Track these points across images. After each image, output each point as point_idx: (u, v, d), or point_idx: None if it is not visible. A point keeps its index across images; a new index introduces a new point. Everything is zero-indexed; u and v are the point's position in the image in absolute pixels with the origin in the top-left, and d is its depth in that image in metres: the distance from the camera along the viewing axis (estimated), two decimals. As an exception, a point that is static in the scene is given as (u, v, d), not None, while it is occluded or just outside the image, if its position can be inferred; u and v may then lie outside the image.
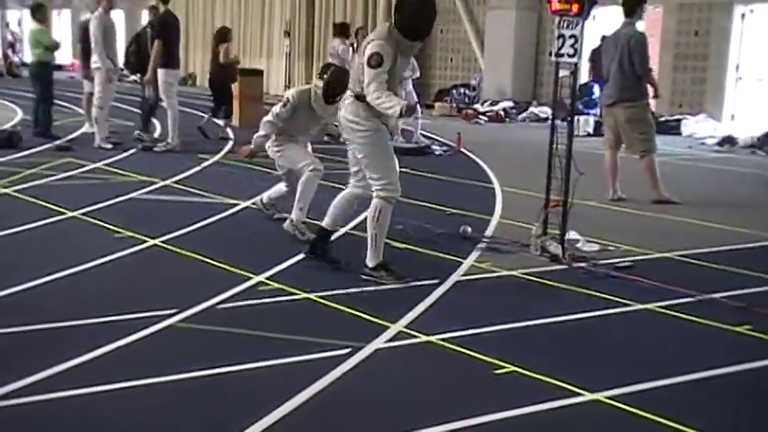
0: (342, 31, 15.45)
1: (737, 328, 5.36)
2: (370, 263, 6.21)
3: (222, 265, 6.49)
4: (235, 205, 8.70)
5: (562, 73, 7.23)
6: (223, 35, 15.29)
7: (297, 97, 7.64)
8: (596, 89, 16.84)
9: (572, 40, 6.90)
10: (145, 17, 31.02)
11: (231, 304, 5.63)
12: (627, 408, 4.15)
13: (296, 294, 5.86)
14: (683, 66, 17.92)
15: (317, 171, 7.63)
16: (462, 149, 13.73)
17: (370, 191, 6.22)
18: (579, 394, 4.28)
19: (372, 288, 6.05)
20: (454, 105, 20.86)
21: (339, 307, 5.60)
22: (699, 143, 15.87)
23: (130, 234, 7.40)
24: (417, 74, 14.94)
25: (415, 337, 5.09)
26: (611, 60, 9.58)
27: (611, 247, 7.31)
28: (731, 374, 4.66)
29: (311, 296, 5.81)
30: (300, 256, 6.75)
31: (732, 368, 4.72)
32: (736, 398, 4.40)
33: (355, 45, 14.86)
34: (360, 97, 6.03)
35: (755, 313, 5.63)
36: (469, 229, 7.70)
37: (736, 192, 10.67)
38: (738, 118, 17.42)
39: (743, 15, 17.36)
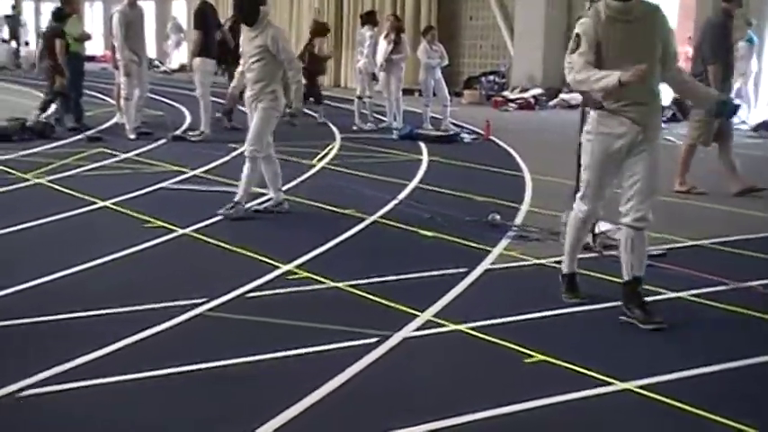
0: (369, 19, 15.40)
1: (771, 317, 5.30)
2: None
3: (251, 254, 6.50)
4: (263, 194, 8.71)
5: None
6: (321, 29, 15.63)
7: None
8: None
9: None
10: (176, 9, 31.26)
11: (260, 293, 5.64)
12: (658, 397, 4.11)
13: (324, 283, 5.85)
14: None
15: None
16: (491, 137, 13.66)
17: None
18: (610, 383, 4.25)
19: (401, 277, 6.03)
20: (483, 93, 20.75)
21: (367, 296, 5.59)
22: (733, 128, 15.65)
23: (160, 224, 7.44)
24: (446, 61, 14.87)
25: (443, 326, 5.07)
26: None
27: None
28: (764, 363, 4.59)
29: (339, 285, 5.80)
30: (330, 245, 6.76)
31: (765, 357, 4.66)
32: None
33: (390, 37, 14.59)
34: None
35: (789, 301, 5.56)
36: (498, 217, 7.66)
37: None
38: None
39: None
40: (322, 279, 5.92)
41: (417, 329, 5.00)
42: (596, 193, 5.32)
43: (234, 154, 11.33)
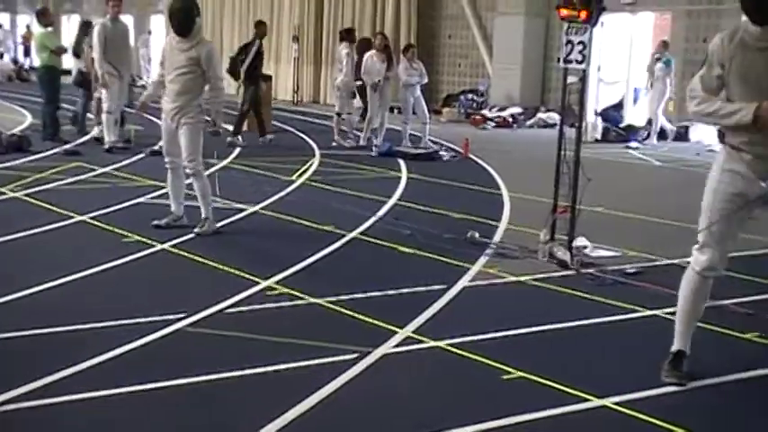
0: (347, 36, 15.51)
1: (745, 335, 5.36)
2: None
3: (230, 270, 6.51)
4: (242, 210, 8.71)
5: (570, 79, 7.25)
6: (368, 44, 15.52)
7: None
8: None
9: (580, 47, 6.91)
10: (153, 22, 31.18)
11: (239, 309, 5.65)
12: (633, 413, 4.15)
13: (303, 299, 5.87)
14: (692, 72, 17.79)
15: None
16: (470, 155, 13.74)
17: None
18: (587, 400, 4.29)
19: (380, 293, 6.05)
20: (462, 111, 20.87)
21: (347, 312, 5.61)
22: (706, 149, 15.83)
23: (138, 238, 7.43)
24: (426, 79, 14.97)
25: (422, 342, 5.09)
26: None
27: (619, 253, 7.30)
28: (738, 381, 4.66)
29: (319, 301, 5.82)
30: (309, 261, 6.78)
31: (739, 375, 4.72)
32: (742, 405, 4.40)
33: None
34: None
35: (763, 320, 5.62)
36: (477, 235, 7.71)
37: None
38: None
39: None
40: (301, 295, 5.94)
41: (396, 346, 5.02)
42: (718, 241, 4.49)
43: (212, 169, 11.33)
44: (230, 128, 13.81)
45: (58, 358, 4.58)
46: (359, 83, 14.89)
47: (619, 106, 18.65)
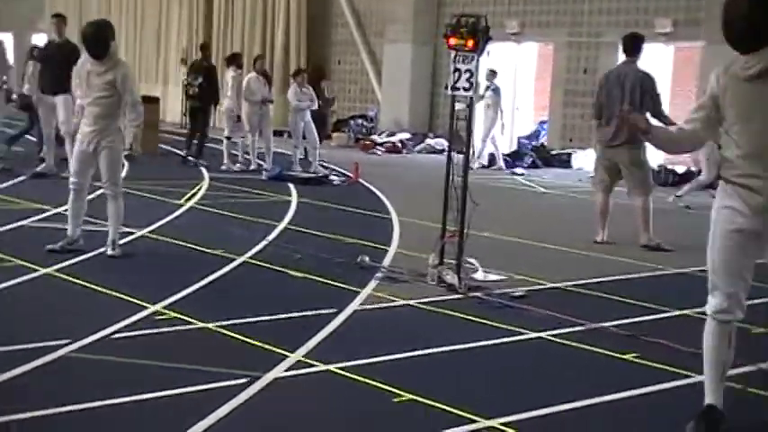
0: (233, 61, 15.52)
1: (625, 356, 5.55)
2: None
3: (117, 294, 6.38)
4: (129, 234, 8.55)
5: (458, 106, 7.41)
6: (323, 72, 17.00)
7: None
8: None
9: (467, 75, 7.08)
10: (37, 39, 30.34)
11: (126, 334, 5.54)
12: (520, 434, 4.26)
13: (193, 324, 5.80)
14: (573, 102, 18.47)
15: None
16: (360, 180, 13.84)
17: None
18: (475, 421, 4.37)
19: (271, 318, 6.04)
20: (352, 136, 21.02)
21: (237, 336, 5.58)
22: (588, 176, 16.36)
23: (21, 262, 7.21)
24: (315, 105, 15.07)
25: (313, 366, 5.10)
26: (616, 100, 9.12)
27: (505, 277, 7.48)
28: (618, 401, 4.82)
29: (208, 325, 5.76)
30: (199, 285, 6.71)
31: (620, 395, 4.88)
32: (622, 423, 4.56)
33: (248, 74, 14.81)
34: None
35: (641, 341, 5.84)
36: (367, 259, 7.77)
37: (621, 223, 10.99)
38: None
39: None
40: (190, 320, 5.87)
41: (287, 370, 5.02)
42: (726, 282, 4.23)
43: (99, 192, 11.07)
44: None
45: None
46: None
47: (536, 135, 19.11)
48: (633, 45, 9.48)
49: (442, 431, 4.23)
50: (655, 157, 15.19)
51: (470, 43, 6.98)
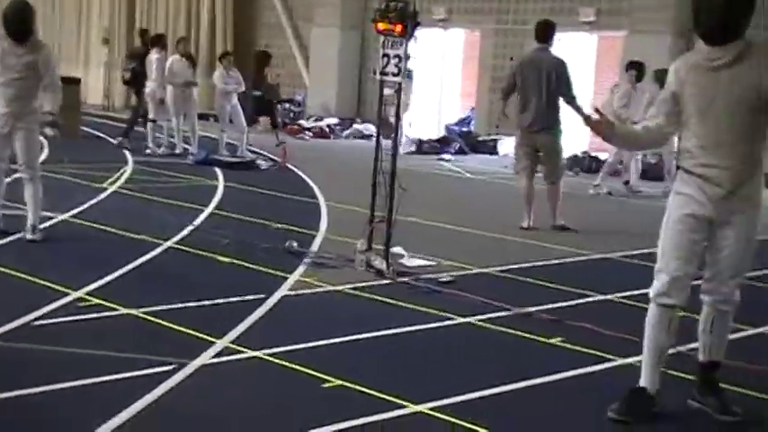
0: (158, 42, 15.27)
1: (551, 340, 5.64)
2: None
3: (37, 281, 6.23)
4: (50, 218, 8.36)
5: (386, 91, 7.41)
6: (268, 58, 18.45)
7: None
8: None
9: (396, 60, 7.08)
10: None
11: (48, 321, 5.42)
12: (448, 418, 4.28)
13: (117, 310, 5.70)
14: (500, 89, 18.54)
15: None
16: (288, 165, 13.76)
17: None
18: (404, 406, 4.39)
19: (198, 303, 5.96)
20: (280, 120, 20.86)
21: (163, 323, 5.50)
22: (513, 162, 16.54)
23: (-64, 248, 7.00)
24: (242, 87, 14.90)
25: (241, 352, 5.06)
26: (533, 86, 9.33)
27: (433, 263, 7.51)
28: (545, 384, 4.88)
29: (134, 312, 5.67)
30: (123, 270, 6.59)
31: (546, 378, 4.95)
32: (549, 406, 4.63)
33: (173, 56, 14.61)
34: None
35: (566, 326, 5.93)
36: (295, 244, 7.73)
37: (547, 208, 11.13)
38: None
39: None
40: (115, 306, 5.76)
41: (215, 356, 4.96)
42: (673, 267, 4.31)
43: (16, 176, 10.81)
44: None
45: None
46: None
47: (465, 121, 19.20)
48: (545, 32, 9.68)
49: (370, 416, 4.23)
50: (578, 144, 15.53)
51: (399, 28, 6.97)
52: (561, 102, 9.38)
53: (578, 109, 9.22)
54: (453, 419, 4.25)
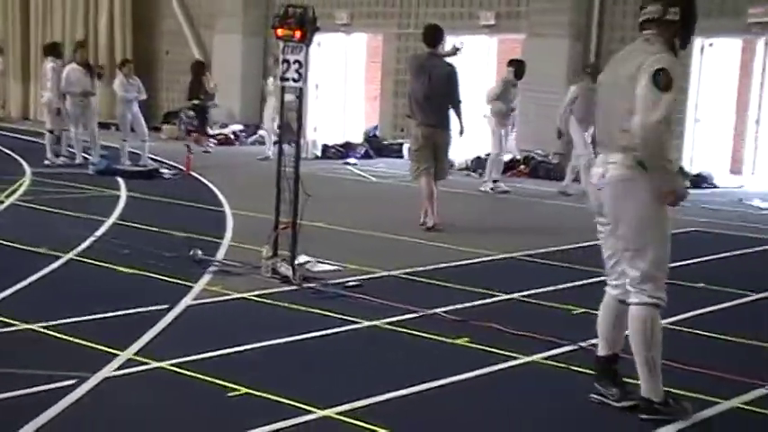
0: (52, 51, 14.93)
1: (457, 341, 5.70)
2: (654, 397, 4.47)
3: (-69, 298, 6.03)
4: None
5: (288, 97, 7.41)
6: (203, 66, 18.50)
7: None
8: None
9: (296, 65, 7.08)
10: None
11: (-58, 339, 5.25)
12: (355, 422, 4.29)
13: (15, 325, 5.56)
14: (403, 92, 18.62)
15: None
16: (192, 172, 13.59)
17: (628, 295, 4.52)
18: (311, 411, 4.39)
19: (100, 316, 5.85)
20: (183, 128, 20.58)
21: (64, 337, 5.38)
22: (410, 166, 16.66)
23: None
24: (143, 96, 14.69)
25: (145, 363, 4.99)
26: (423, 85, 9.63)
27: (339, 267, 7.53)
28: (453, 384, 4.94)
29: (33, 326, 5.53)
30: (21, 285, 6.42)
31: (454, 378, 5.01)
32: (457, 407, 4.69)
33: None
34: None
35: (472, 326, 6.01)
36: (200, 253, 7.65)
37: (450, 208, 11.25)
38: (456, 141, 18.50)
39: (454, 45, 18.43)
40: (12, 321, 5.61)
41: (118, 369, 4.88)
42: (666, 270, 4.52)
43: None
44: None
45: None
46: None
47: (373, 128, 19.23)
48: (435, 36, 9.90)
49: (278, 423, 4.22)
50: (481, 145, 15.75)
51: (298, 34, 6.97)
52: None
53: (459, 114, 9.71)
54: (362, 423, 4.27)
